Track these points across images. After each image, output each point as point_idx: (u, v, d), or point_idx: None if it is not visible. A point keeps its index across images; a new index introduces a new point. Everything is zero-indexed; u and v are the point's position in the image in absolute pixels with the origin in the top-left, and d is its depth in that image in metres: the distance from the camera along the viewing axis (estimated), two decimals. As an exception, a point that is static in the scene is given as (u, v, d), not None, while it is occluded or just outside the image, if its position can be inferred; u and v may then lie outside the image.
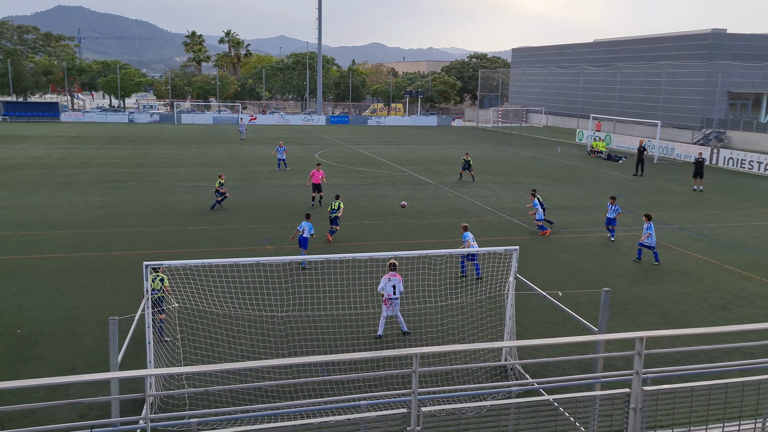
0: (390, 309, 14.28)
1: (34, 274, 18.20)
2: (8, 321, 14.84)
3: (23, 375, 12.26)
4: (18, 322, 14.81)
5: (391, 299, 14.14)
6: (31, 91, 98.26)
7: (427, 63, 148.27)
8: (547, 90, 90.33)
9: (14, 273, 18.26)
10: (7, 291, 16.79)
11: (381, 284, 14.30)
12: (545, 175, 41.04)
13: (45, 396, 11.30)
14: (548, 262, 21.03)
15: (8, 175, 35.38)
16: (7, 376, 12.21)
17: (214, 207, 27.91)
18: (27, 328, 14.48)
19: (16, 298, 16.29)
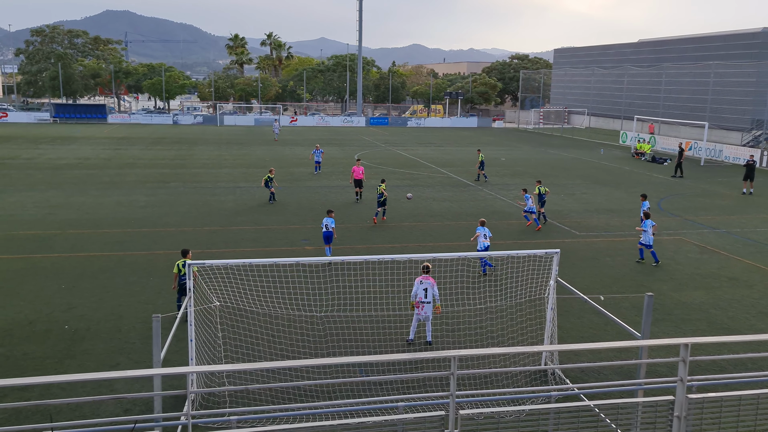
0: (421, 313, 13.95)
1: (82, 272, 18.71)
2: (57, 317, 15.29)
3: (71, 370, 12.61)
4: (66, 318, 15.25)
5: (422, 302, 13.85)
6: (80, 93, 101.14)
7: (468, 64, 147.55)
8: (590, 91, 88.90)
9: (63, 270, 18.81)
10: (56, 288, 17.31)
11: (414, 289, 13.97)
12: (587, 178, 40.39)
13: (91, 390, 11.60)
14: (590, 265, 20.68)
15: (58, 175, 36.48)
16: (56, 370, 12.58)
17: (272, 200, 29.70)
18: (74, 324, 14.89)
19: (65, 295, 16.77)
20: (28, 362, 12.90)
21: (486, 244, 18.89)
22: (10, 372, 12.41)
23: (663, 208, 30.99)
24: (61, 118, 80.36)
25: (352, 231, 24.66)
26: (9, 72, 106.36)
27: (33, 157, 44.55)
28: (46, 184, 33.55)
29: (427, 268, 14.09)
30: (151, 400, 10.86)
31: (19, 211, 26.76)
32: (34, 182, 33.97)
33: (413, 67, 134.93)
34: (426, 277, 13.93)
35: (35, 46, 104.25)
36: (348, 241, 22.95)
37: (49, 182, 34.06)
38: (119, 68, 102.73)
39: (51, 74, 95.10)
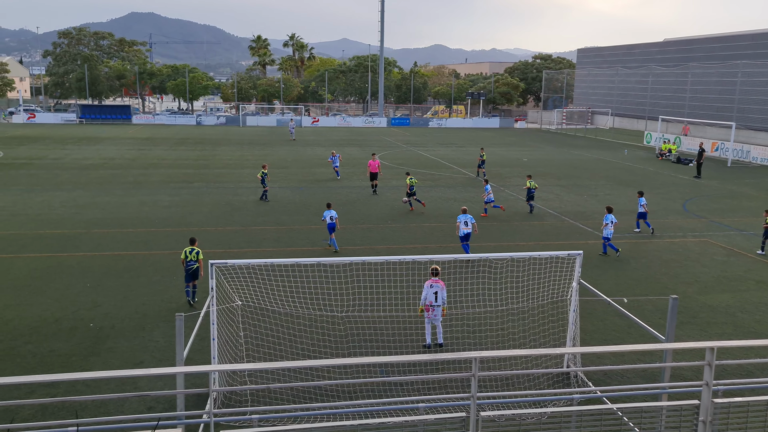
0: (432, 316, 13.84)
1: (107, 271, 18.97)
2: (82, 315, 15.52)
3: (96, 367, 12.79)
4: (91, 316, 15.47)
5: (433, 306, 13.76)
6: (106, 94, 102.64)
7: (490, 64, 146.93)
8: (614, 91, 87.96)
9: (88, 269, 19.09)
10: (82, 286, 17.57)
11: (423, 293, 13.86)
12: (611, 178, 39.99)
13: (115, 388, 11.75)
14: (613, 267, 20.47)
15: (84, 175, 37.02)
16: (82, 367, 12.77)
17: (264, 199, 30.22)
18: (99, 322, 15.10)
19: (90, 294, 17.02)
20: (54, 359, 13.11)
21: (467, 230, 20.20)
22: (37, 368, 12.63)
23: (688, 209, 30.57)
24: (87, 118, 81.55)
25: (373, 231, 24.68)
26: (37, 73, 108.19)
27: (60, 158, 45.28)
28: (72, 183, 34.07)
29: (436, 271, 13.87)
30: (174, 398, 10.96)
31: (46, 210, 27.20)
32: (60, 182, 34.52)
33: (435, 68, 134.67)
34: (436, 281, 13.77)
35: (62, 48, 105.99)
36: (369, 242, 22.98)
37: (76, 182, 34.59)
38: (144, 69, 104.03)
39: (77, 76, 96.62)
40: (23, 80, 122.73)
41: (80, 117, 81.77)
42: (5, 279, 17.96)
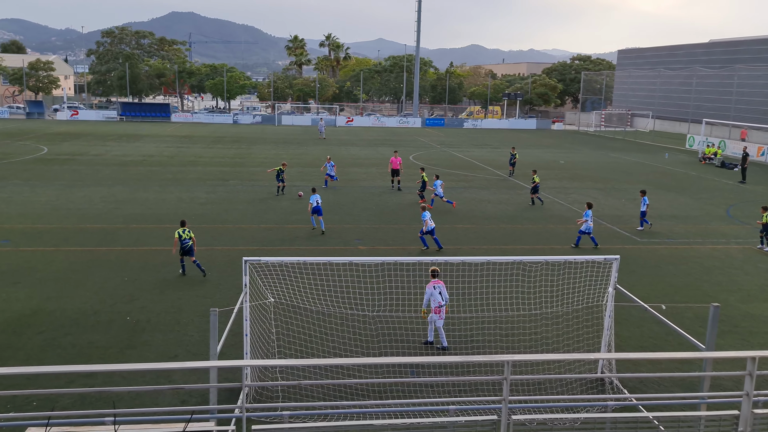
0: (440, 317, 13.81)
1: (144, 265, 19.32)
2: (120, 308, 15.83)
3: (132, 359, 13.03)
4: (128, 309, 15.77)
5: (441, 306, 13.73)
6: (146, 92, 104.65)
7: (528, 65, 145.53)
8: (655, 93, 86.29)
9: (126, 263, 19.47)
10: (120, 280, 17.92)
11: (427, 294, 13.81)
12: (651, 182, 39.22)
13: (150, 380, 11.95)
14: (651, 273, 20.07)
15: (123, 172, 37.79)
16: (118, 359, 13.03)
17: (279, 193, 31.36)
18: (136, 316, 15.38)
19: (128, 287, 17.35)
20: (92, 350, 13.40)
21: (432, 225, 21.66)
22: (76, 359, 12.92)
23: (732, 215, 29.81)
24: (128, 116, 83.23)
25: (406, 232, 24.65)
26: (81, 72, 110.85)
27: (101, 154, 46.31)
28: (112, 179, 34.81)
29: (435, 273, 13.92)
30: (207, 392, 11.10)
31: (86, 205, 27.83)
32: (101, 178, 35.29)
33: (471, 68, 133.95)
34: (437, 281, 13.80)
35: (105, 47, 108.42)
36: (401, 242, 22.96)
37: (116, 178, 35.32)
38: (183, 68, 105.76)
39: (119, 74, 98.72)
40: (68, 78, 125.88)
41: (121, 114, 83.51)
42: (48, 271, 18.43)
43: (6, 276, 17.90)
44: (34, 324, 14.67)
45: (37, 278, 17.82)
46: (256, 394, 11.82)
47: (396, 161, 34.43)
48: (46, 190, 30.81)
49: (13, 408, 11.01)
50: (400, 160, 34.81)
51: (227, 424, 7.64)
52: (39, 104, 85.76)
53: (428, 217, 21.73)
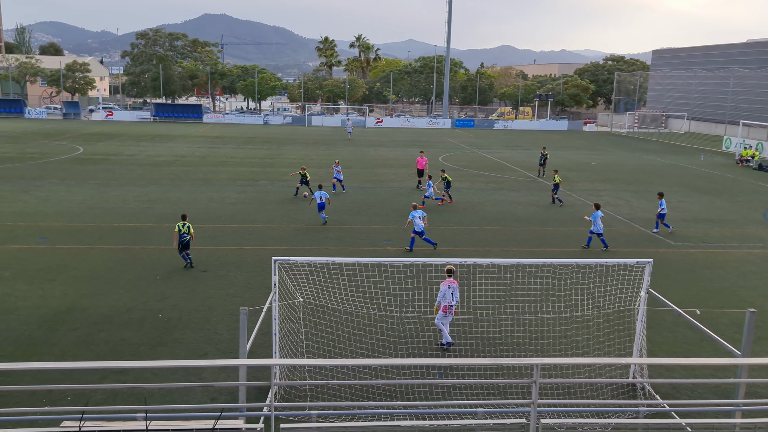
0: (449, 315, 13.85)
1: (176, 264, 19.58)
2: (152, 306, 16.08)
3: (163, 356, 13.21)
4: (160, 307, 16.01)
5: (452, 305, 13.73)
6: (179, 93, 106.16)
7: (559, 65, 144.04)
8: (691, 94, 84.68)
9: (158, 262, 19.76)
10: (152, 278, 18.20)
11: (441, 293, 13.80)
12: (685, 185, 38.51)
13: (181, 377, 12.11)
14: (685, 277, 19.69)
15: (156, 172, 38.39)
16: (150, 356, 13.22)
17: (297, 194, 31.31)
18: (167, 314, 15.60)
19: (159, 286, 17.61)
20: (125, 347, 13.62)
21: (422, 225, 21.41)
22: (109, 355, 13.15)
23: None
24: (161, 117, 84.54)
25: (434, 233, 24.57)
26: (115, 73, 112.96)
27: (134, 154, 47.11)
28: (145, 179, 35.38)
29: (451, 271, 13.89)
30: (236, 390, 11.21)
31: (120, 204, 28.33)
32: (134, 177, 35.90)
33: (502, 69, 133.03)
34: (452, 281, 13.78)
35: (139, 49, 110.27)
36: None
37: (149, 178, 35.90)
38: (215, 70, 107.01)
39: (153, 75, 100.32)
40: (103, 79, 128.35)
41: (154, 115, 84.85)
42: (82, 269, 18.80)
43: (42, 273, 18.31)
44: (69, 320, 14.97)
45: (72, 276, 18.19)
46: (285, 393, 11.89)
47: (422, 161, 34.83)
48: (81, 190, 31.45)
49: (49, 402, 11.24)
50: (426, 160, 35.19)
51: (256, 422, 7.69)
52: (75, 105, 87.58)
53: (417, 216, 21.45)
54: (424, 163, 35.00)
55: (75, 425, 6.39)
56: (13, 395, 11.22)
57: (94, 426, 6.44)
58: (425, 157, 35.67)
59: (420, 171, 34.76)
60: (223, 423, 6.53)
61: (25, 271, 18.40)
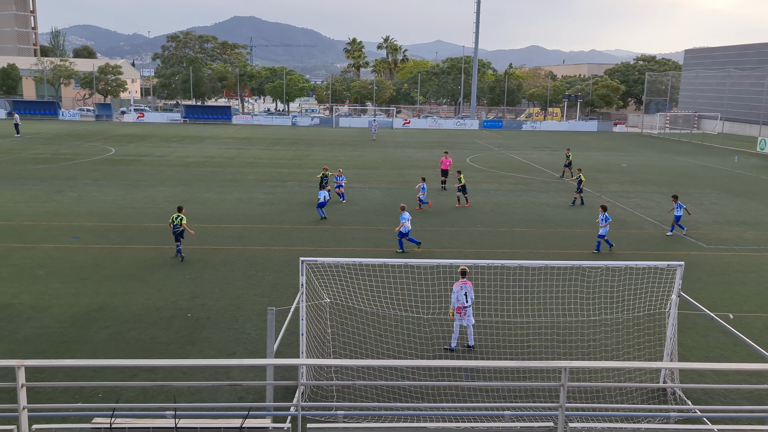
0: (464, 318, 13.67)
1: (205, 264, 19.82)
2: (181, 305, 16.28)
3: (192, 355, 13.38)
4: (189, 306, 16.21)
5: (465, 307, 13.60)
6: (208, 95, 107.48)
7: (589, 66, 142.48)
8: (724, 94, 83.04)
9: (188, 261, 20.01)
10: (182, 278, 18.44)
11: (454, 294, 13.66)
12: (718, 187, 37.79)
13: (209, 376, 12.24)
14: (718, 281, 19.31)
15: (186, 172, 38.89)
16: (179, 355, 13.39)
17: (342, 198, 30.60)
18: (196, 313, 15.79)
19: (189, 285, 17.83)
20: (154, 346, 13.82)
21: (409, 227, 21.52)
22: (139, 353, 13.35)
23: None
24: (191, 118, 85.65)
25: (462, 234, 24.49)
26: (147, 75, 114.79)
27: (164, 155, 47.79)
28: (175, 180, 35.86)
29: (464, 272, 13.75)
30: (264, 389, 11.29)
31: (150, 204, 28.76)
32: (164, 178, 36.41)
33: (530, 69, 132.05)
34: (465, 282, 13.63)
35: (170, 51, 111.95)
36: (457, 245, 22.82)
37: (178, 178, 36.38)
38: (244, 71, 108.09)
39: (183, 77, 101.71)
40: (134, 81, 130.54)
41: (184, 117, 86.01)
42: (114, 268, 19.13)
43: (75, 272, 18.67)
44: (101, 318, 15.24)
45: (103, 275, 18.51)
46: (311, 393, 11.95)
47: (446, 162, 35.05)
48: (112, 190, 32.00)
49: (81, 399, 11.46)
50: (450, 160, 35.39)
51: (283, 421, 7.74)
52: (107, 107, 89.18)
53: (406, 218, 21.38)
54: (449, 164, 35.13)
55: (106, 422, 6.50)
56: (46, 391, 11.47)
57: (124, 423, 6.54)
58: (450, 157, 35.78)
59: (444, 171, 34.91)
60: (250, 422, 6.58)
61: (58, 270, 18.79)
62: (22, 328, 14.51)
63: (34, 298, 16.40)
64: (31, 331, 14.39)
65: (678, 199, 24.96)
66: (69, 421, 7.65)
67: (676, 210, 24.70)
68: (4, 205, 27.66)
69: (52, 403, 10.77)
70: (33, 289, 17.12)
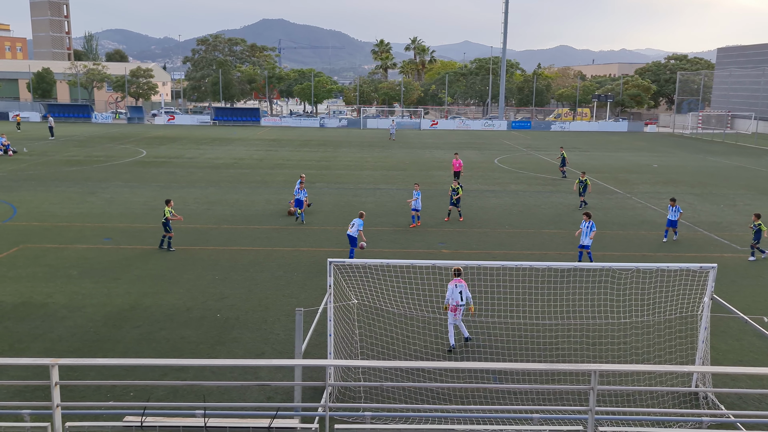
0: (458, 316, 13.86)
1: (234, 264, 20.02)
2: (211, 306, 16.48)
3: (221, 355, 13.52)
4: (219, 307, 16.39)
5: (460, 305, 13.72)
6: (237, 97, 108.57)
7: (619, 65, 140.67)
8: (759, 93, 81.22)
9: (217, 262, 20.24)
10: (211, 278, 18.65)
11: (448, 293, 13.91)
12: (752, 187, 36.99)
13: (238, 376, 12.36)
14: (752, 283, 18.91)
15: (216, 174, 39.33)
16: (209, 354, 13.55)
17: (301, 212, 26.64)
18: (226, 313, 15.96)
19: (218, 286, 18.03)
20: (185, 345, 14.00)
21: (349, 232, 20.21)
22: (169, 353, 13.54)
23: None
24: (220, 120, 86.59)
25: (490, 236, 24.36)
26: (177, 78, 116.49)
27: (194, 157, 48.40)
28: (205, 181, 36.30)
29: (458, 272, 13.92)
30: (292, 389, 11.36)
31: (181, 205, 29.13)
32: (194, 180, 36.88)
33: (559, 69, 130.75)
34: (459, 280, 13.79)
35: (200, 54, 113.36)
36: (485, 246, 22.71)
37: (208, 180, 36.82)
38: (273, 74, 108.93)
39: (213, 80, 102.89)
40: (165, 84, 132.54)
41: (214, 119, 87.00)
42: (145, 269, 19.44)
43: (107, 272, 19.02)
44: (132, 318, 15.50)
45: (135, 275, 18.82)
46: (339, 394, 11.98)
47: (457, 163, 35.19)
48: (144, 191, 32.51)
49: (113, 397, 11.66)
50: (461, 162, 35.60)
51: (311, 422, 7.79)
52: (139, 109, 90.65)
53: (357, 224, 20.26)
54: (459, 165, 35.16)
55: (137, 420, 6.61)
56: (79, 389, 11.69)
57: (154, 421, 6.64)
58: (460, 159, 35.97)
59: (456, 173, 34.81)
60: (278, 422, 6.63)
61: (91, 270, 19.15)
62: (56, 327, 14.82)
63: (68, 298, 16.74)
64: (64, 330, 14.69)
65: (676, 202, 23.69)
66: (101, 419, 7.79)
67: (670, 214, 23.49)
68: (39, 206, 28.30)
69: (84, 401, 10.99)
70: (67, 288, 17.48)
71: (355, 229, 20.10)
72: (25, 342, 13.98)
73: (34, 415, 7.19)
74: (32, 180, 35.46)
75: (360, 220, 20.23)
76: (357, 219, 20.36)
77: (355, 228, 20.12)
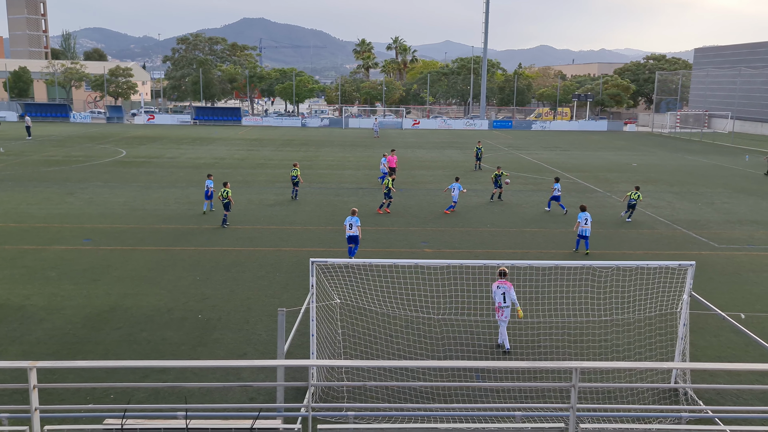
0: (502, 317, 13.71)
1: (215, 265, 19.90)
2: (192, 306, 16.36)
3: (203, 356, 13.43)
4: (200, 308, 16.28)
5: (502, 307, 13.61)
6: (218, 97, 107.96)
7: (599, 65, 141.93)
8: (735, 93, 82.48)
9: (198, 263, 20.10)
10: (192, 279, 18.52)
11: (492, 294, 13.80)
12: (729, 186, 37.53)
13: (220, 377, 12.29)
14: (729, 281, 19.19)
15: (197, 174, 39.04)
16: (190, 356, 13.45)
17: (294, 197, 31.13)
18: (207, 314, 15.86)
19: (199, 286, 17.91)
20: (166, 347, 13.89)
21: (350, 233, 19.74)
22: (150, 355, 13.42)
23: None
24: (201, 120, 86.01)
25: (472, 235, 24.46)
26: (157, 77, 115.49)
27: (175, 157, 48.02)
28: (186, 181, 36.02)
29: (503, 273, 13.78)
30: (274, 390, 11.33)
31: (162, 206, 28.92)
32: (175, 180, 36.59)
33: (540, 69, 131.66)
34: (503, 282, 13.66)
35: (180, 54, 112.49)
36: (467, 245, 22.80)
37: (189, 180, 36.54)
38: (254, 73, 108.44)
39: (193, 79, 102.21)
40: (145, 84, 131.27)
41: (194, 118, 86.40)
42: (125, 270, 19.25)
43: (87, 273, 18.80)
44: (112, 320, 15.34)
45: (115, 276, 18.63)
46: (322, 394, 11.97)
47: (392, 159, 36.57)
48: (124, 192, 32.19)
49: (92, 400, 11.54)
50: (396, 158, 37.16)
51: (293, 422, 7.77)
52: (118, 109, 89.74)
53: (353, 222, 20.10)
54: (395, 161, 36.66)
55: (117, 423, 6.54)
56: (58, 392, 11.55)
57: (135, 424, 6.58)
58: (396, 155, 37.53)
59: (392, 169, 35.60)
60: (261, 423, 6.60)
61: (70, 272, 18.92)
62: (35, 330, 14.62)
63: (47, 300, 16.53)
64: (43, 332, 14.51)
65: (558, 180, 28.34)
66: (81, 422, 7.71)
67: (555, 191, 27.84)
68: (17, 207, 27.90)
69: (64, 404, 10.85)
70: (45, 290, 17.26)
71: (355, 228, 19.92)
72: (3, 345, 13.77)
73: (12, 418, 7.09)
74: (9, 180, 34.95)
75: (356, 217, 19.98)
76: (353, 217, 19.95)
77: (355, 227, 19.97)
